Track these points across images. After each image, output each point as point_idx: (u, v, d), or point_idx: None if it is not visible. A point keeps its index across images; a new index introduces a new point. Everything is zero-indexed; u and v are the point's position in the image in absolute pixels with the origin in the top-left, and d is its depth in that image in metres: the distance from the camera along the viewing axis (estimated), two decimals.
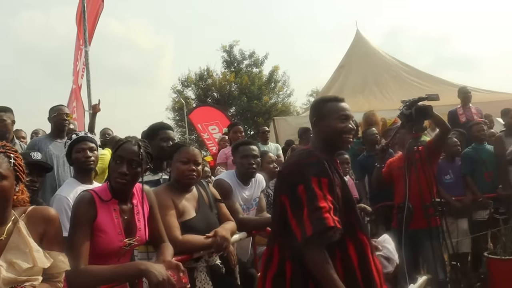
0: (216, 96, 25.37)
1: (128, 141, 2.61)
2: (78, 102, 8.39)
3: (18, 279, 1.97)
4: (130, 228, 2.60)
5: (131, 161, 2.54)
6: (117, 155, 2.57)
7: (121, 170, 2.52)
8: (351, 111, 2.56)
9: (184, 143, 3.21)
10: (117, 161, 2.56)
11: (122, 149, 2.58)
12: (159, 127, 3.74)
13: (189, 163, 3.08)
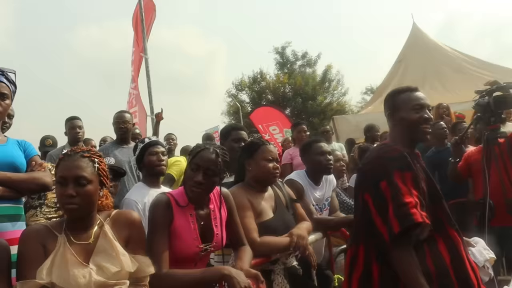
0: (271, 98, 25.39)
1: (206, 149, 2.53)
2: (140, 107, 8.62)
3: (108, 283, 1.98)
4: (207, 233, 2.57)
5: (208, 170, 2.48)
6: (194, 163, 2.51)
7: (197, 179, 2.46)
8: (426, 99, 2.44)
9: (263, 141, 3.16)
10: (193, 169, 2.50)
11: (199, 157, 2.51)
12: (231, 128, 3.73)
13: (273, 161, 3.04)
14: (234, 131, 3.65)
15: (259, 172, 3.03)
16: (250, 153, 3.07)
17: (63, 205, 2.03)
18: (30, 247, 1.98)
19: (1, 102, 2.58)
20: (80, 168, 2.02)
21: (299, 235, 2.89)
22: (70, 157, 2.06)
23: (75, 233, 2.05)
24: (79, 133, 5.16)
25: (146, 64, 8.96)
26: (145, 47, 9.04)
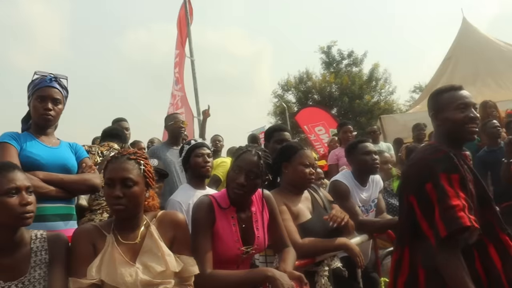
0: (317, 98, 25.23)
1: (248, 151, 2.55)
2: (186, 108, 8.72)
3: (153, 282, 2.04)
4: (248, 236, 2.58)
5: (250, 172, 2.49)
6: (236, 165, 2.53)
7: (239, 180, 2.48)
8: (471, 98, 2.35)
9: (301, 146, 3.16)
10: (235, 171, 2.52)
11: (242, 159, 2.53)
12: (274, 129, 3.74)
13: (310, 166, 3.04)
14: (276, 132, 3.65)
15: (296, 176, 3.04)
16: (288, 157, 3.08)
17: (111, 205, 2.11)
18: (81, 246, 2.07)
19: (54, 106, 2.70)
20: (127, 170, 2.09)
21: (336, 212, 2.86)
22: (117, 159, 2.13)
23: (122, 233, 2.12)
24: (125, 134, 5.29)
25: (192, 66, 9.07)
26: (191, 49, 9.17)
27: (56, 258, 2.07)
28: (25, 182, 2.01)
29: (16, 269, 2.00)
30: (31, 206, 1.99)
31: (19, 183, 1.98)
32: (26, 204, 1.97)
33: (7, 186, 1.95)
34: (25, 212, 1.96)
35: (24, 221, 1.98)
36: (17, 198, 1.96)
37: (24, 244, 2.05)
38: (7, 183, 1.95)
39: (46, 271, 2.05)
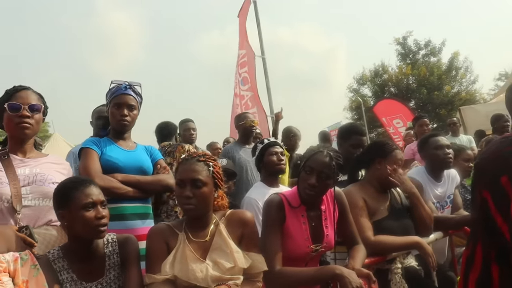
0: (394, 91, 24.56)
1: (320, 152, 2.57)
2: (259, 107, 8.72)
3: (223, 277, 2.13)
4: (318, 234, 2.60)
5: (321, 173, 2.51)
6: (308, 166, 2.56)
7: (310, 181, 2.51)
8: None
9: (396, 146, 3.14)
10: (307, 172, 2.55)
11: (314, 160, 2.55)
12: (353, 131, 3.73)
13: (400, 166, 3.04)
14: (355, 135, 3.64)
15: (382, 175, 3.02)
16: (385, 154, 3.06)
17: (181, 205, 2.23)
18: (156, 244, 2.20)
19: (129, 112, 2.87)
20: (196, 171, 2.20)
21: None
22: (188, 161, 2.25)
23: (193, 231, 2.24)
24: (192, 135, 5.48)
25: (264, 64, 9.10)
26: (262, 47, 9.19)
27: (128, 259, 2.23)
28: (100, 197, 2.16)
29: (94, 272, 2.18)
30: (105, 220, 2.13)
31: (95, 197, 2.13)
32: (101, 218, 2.11)
33: (85, 201, 2.10)
34: (100, 225, 2.11)
35: (99, 234, 2.14)
36: (93, 211, 2.11)
37: (99, 249, 2.22)
38: (85, 198, 2.10)
39: (120, 272, 2.22)
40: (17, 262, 1.85)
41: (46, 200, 2.36)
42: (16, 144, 2.47)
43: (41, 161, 2.49)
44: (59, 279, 2.11)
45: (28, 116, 2.40)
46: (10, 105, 2.40)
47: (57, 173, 2.47)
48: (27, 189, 2.33)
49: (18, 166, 2.39)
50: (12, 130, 2.44)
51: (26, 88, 2.49)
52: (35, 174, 2.39)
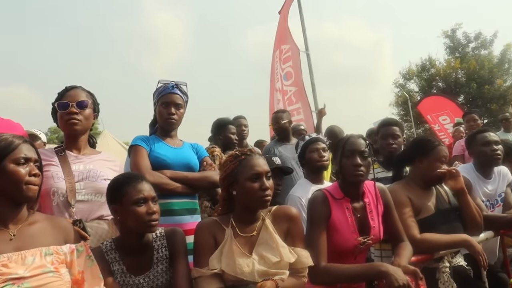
0: (442, 86, 23.89)
1: (351, 136, 2.63)
2: (303, 103, 8.64)
3: (269, 272, 2.17)
4: (364, 226, 2.59)
5: (362, 152, 2.55)
6: (347, 150, 2.57)
7: (355, 162, 2.52)
8: None
9: (439, 142, 3.09)
10: (348, 156, 2.56)
11: (350, 144, 2.58)
12: (381, 125, 3.75)
13: (444, 162, 2.98)
14: (383, 127, 3.62)
15: (430, 171, 2.97)
16: (425, 151, 3.01)
17: (262, 197, 2.25)
18: (204, 238, 2.26)
19: (176, 111, 2.96)
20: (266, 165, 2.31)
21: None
22: (256, 155, 2.34)
23: (240, 226, 2.28)
24: (244, 131, 5.49)
25: (308, 60, 9.02)
26: (306, 42, 9.13)
27: (176, 252, 2.31)
28: (151, 193, 2.24)
29: (143, 265, 2.27)
30: (156, 215, 2.21)
31: (146, 193, 2.22)
32: (152, 213, 2.19)
33: (136, 197, 2.19)
34: (151, 221, 2.19)
35: (150, 228, 2.22)
36: (144, 207, 2.19)
37: (148, 243, 2.30)
38: (136, 194, 2.19)
39: (167, 265, 2.30)
40: (73, 253, 1.93)
41: (98, 196, 2.47)
42: (70, 141, 2.59)
43: (94, 158, 2.60)
44: (111, 269, 2.21)
45: (76, 113, 2.50)
46: (59, 104, 2.54)
47: (109, 170, 2.58)
48: (80, 185, 2.44)
49: (73, 162, 2.50)
50: (63, 127, 2.57)
51: (75, 87, 2.61)
52: (89, 170, 2.50)
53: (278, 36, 9.94)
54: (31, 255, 1.80)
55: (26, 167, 1.85)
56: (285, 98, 9.08)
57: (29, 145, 1.92)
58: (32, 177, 1.86)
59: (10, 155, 1.84)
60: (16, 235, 1.83)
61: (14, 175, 1.82)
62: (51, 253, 1.86)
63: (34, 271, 1.76)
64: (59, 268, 1.84)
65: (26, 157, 1.87)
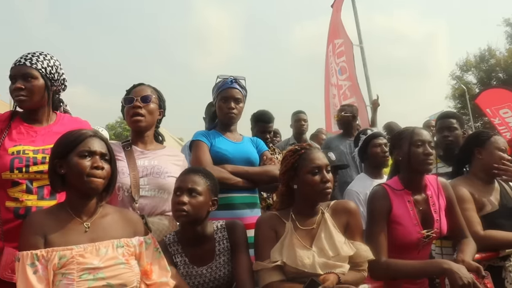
0: (502, 77, 22.93)
1: (417, 127, 2.61)
2: (358, 97, 8.55)
3: (329, 264, 2.18)
4: (427, 219, 2.55)
5: (430, 142, 2.53)
6: (417, 140, 2.54)
7: (427, 151, 2.50)
8: None
9: (494, 132, 3.03)
10: (419, 145, 2.53)
11: (419, 133, 2.55)
12: (438, 117, 3.66)
13: (505, 151, 2.91)
14: (439, 120, 3.57)
15: (492, 160, 2.90)
16: (482, 142, 2.95)
17: (322, 189, 2.27)
18: (265, 231, 2.31)
19: (236, 105, 3.00)
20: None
21: None
22: (316, 149, 2.39)
23: (300, 220, 2.31)
24: (303, 126, 5.57)
25: (362, 53, 8.92)
26: (360, 36, 9.02)
27: (237, 244, 2.36)
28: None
29: (205, 257, 2.33)
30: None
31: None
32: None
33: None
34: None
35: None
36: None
37: (209, 235, 2.36)
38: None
39: (229, 257, 2.36)
40: (142, 246, 2.01)
41: (161, 192, 2.53)
42: (136, 136, 2.66)
43: (159, 153, 2.66)
44: (174, 261, 2.29)
45: (139, 107, 2.57)
46: (125, 99, 2.64)
47: (173, 165, 2.63)
48: (144, 180, 2.50)
49: (139, 158, 2.57)
50: (129, 122, 2.66)
51: (141, 84, 2.69)
52: (153, 166, 2.55)
53: (332, 30, 9.87)
54: (104, 247, 1.88)
55: (89, 160, 1.91)
56: (340, 92, 9.05)
57: (96, 139, 1.97)
58: (94, 169, 1.90)
59: (75, 149, 1.91)
60: (90, 227, 1.92)
61: (76, 167, 1.88)
62: (122, 246, 1.93)
63: (107, 262, 1.84)
64: (129, 260, 1.92)
65: (90, 150, 1.92)
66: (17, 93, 2.32)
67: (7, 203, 2.23)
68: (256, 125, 4.56)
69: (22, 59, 2.36)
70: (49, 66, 2.41)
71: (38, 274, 1.75)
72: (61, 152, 1.93)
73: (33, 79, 2.35)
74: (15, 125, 2.37)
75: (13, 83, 2.34)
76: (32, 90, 2.34)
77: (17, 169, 2.23)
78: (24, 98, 2.33)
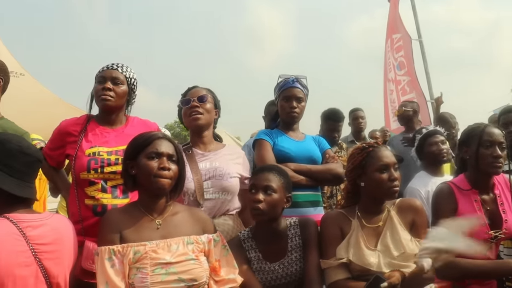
0: None
1: (488, 125, 2.52)
2: (417, 92, 8.36)
3: (395, 264, 2.18)
4: (495, 219, 2.47)
5: (500, 143, 2.45)
6: (486, 140, 2.46)
7: (495, 153, 2.42)
8: None
9: None
10: (487, 146, 2.45)
11: (489, 134, 2.47)
12: (502, 111, 3.55)
13: None
14: (503, 115, 3.44)
15: None
16: None
17: (390, 187, 2.27)
18: (331, 229, 2.33)
19: (298, 104, 3.03)
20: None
21: None
22: (384, 147, 2.39)
23: (366, 217, 2.32)
24: (361, 123, 5.53)
25: (421, 47, 8.68)
26: (419, 29, 8.79)
27: (309, 241, 2.38)
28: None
29: (277, 253, 2.38)
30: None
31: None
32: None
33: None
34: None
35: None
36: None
37: (282, 231, 2.41)
38: None
39: (301, 253, 2.38)
40: (210, 243, 2.09)
41: (225, 194, 2.58)
42: (195, 136, 2.73)
43: (219, 153, 2.71)
44: (248, 257, 2.35)
45: (197, 106, 2.65)
46: (182, 101, 2.73)
47: (235, 165, 2.68)
48: (208, 183, 2.56)
49: (200, 160, 2.63)
50: (187, 122, 2.73)
51: (196, 86, 2.79)
52: (215, 169, 2.60)
53: (390, 25, 9.66)
54: (175, 243, 1.97)
55: (156, 161, 2.00)
56: (398, 88, 8.85)
57: (164, 141, 2.07)
58: (161, 170, 1.99)
59: (144, 150, 2.02)
60: (162, 225, 2.02)
61: (145, 168, 1.99)
62: (192, 242, 2.02)
63: (179, 257, 1.94)
64: (199, 256, 2.01)
65: (157, 152, 2.01)
66: (104, 93, 2.50)
67: (86, 201, 2.40)
68: (325, 123, 4.56)
69: (114, 65, 2.57)
70: (133, 78, 2.61)
71: (115, 268, 1.87)
72: (132, 153, 2.05)
73: (121, 84, 2.55)
74: (90, 128, 2.53)
75: (100, 83, 2.52)
76: (119, 93, 2.54)
77: (93, 169, 2.39)
78: (110, 98, 2.50)
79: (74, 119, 2.62)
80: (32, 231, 1.78)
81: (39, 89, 9.68)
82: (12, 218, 1.76)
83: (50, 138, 2.64)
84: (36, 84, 9.72)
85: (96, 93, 2.54)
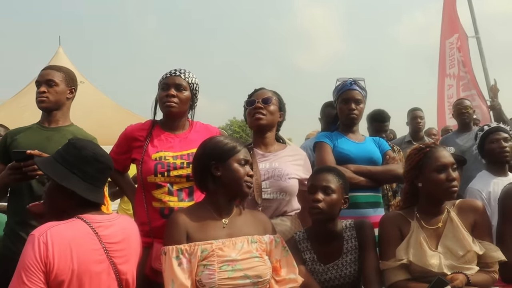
0: None
1: None
2: (476, 91, 8.21)
3: (456, 266, 2.17)
4: None
5: None
6: None
7: None
8: None
9: None
10: None
11: None
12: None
13: None
14: None
15: None
16: None
17: (448, 188, 2.26)
18: (390, 230, 2.35)
19: (356, 106, 3.05)
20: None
21: None
22: (439, 147, 2.38)
23: (425, 218, 2.32)
24: (420, 123, 5.46)
25: (479, 44, 8.44)
26: (475, 26, 8.54)
27: (366, 242, 2.41)
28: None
29: (332, 254, 2.42)
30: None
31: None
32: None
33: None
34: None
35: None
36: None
37: (338, 233, 2.45)
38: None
39: (356, 256, 2.42)
40: (272, 243, 2.17)
41: (283, 194, 2.63)
42: (257, 137, 2.79)
43: (280, 154, 2.75)
44: (303, 258, 2.40)
45: (261, 107, 2.71)
46: (247, 101, 2.80)
47: (294, 166, 2.72)
48: (266, 183, 2.61)
49: (260, 161, 2.69)
50: (250, 122, 2.80)
51: (262, 88, 2.85)
52: (274, 169, 2.65)
53: (448, 22, 9.46)
54: (240, 242, 2.06)
55: (245, 168, 2.13)
56: (459, 85, 8.68)
57: (247, 150, 2.21)
58: (248, 177, 2.13)
59: (234, 156, 2.13)
60: (228, 224, 2.12)
61: (237, 172, 2.11)
62: (255, 241, 2.11)
63: (244, 255, 2.02)
64: (262, 255, 2.09)
65: (245, 159, 2.14)
66: (169, 100, 2.57)
67: (154, 203, 2.50)
68: (371, 125, 4.56)
69: (177, 72, 2.63)
70: (195, 83, 2.67)
71: (182, 266, 1.96)
72: (220, 155, 2.15)
73: (185, 90, 2.61)
74: (156, 133, 2.63)
75: (164, 90, 2.60)
76: (183, 99, 2.60)
77: (160, 173, 2.49)
78: (175, 105, 2.57)
79: (139, 124, 2.71)
80: (104, 230, 1.90)
81: (99, 97, 10.13)
82: (85, 218, 1.89)
83: (116, 143, 2.73)
84: (95, 92, 10.17)
85: (160, 99, 2.62)
